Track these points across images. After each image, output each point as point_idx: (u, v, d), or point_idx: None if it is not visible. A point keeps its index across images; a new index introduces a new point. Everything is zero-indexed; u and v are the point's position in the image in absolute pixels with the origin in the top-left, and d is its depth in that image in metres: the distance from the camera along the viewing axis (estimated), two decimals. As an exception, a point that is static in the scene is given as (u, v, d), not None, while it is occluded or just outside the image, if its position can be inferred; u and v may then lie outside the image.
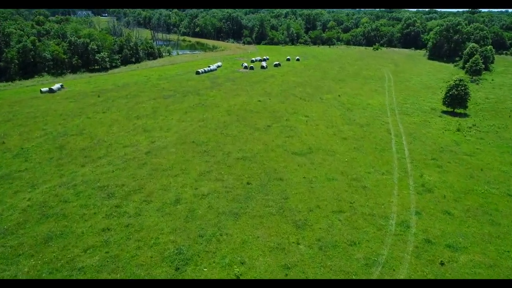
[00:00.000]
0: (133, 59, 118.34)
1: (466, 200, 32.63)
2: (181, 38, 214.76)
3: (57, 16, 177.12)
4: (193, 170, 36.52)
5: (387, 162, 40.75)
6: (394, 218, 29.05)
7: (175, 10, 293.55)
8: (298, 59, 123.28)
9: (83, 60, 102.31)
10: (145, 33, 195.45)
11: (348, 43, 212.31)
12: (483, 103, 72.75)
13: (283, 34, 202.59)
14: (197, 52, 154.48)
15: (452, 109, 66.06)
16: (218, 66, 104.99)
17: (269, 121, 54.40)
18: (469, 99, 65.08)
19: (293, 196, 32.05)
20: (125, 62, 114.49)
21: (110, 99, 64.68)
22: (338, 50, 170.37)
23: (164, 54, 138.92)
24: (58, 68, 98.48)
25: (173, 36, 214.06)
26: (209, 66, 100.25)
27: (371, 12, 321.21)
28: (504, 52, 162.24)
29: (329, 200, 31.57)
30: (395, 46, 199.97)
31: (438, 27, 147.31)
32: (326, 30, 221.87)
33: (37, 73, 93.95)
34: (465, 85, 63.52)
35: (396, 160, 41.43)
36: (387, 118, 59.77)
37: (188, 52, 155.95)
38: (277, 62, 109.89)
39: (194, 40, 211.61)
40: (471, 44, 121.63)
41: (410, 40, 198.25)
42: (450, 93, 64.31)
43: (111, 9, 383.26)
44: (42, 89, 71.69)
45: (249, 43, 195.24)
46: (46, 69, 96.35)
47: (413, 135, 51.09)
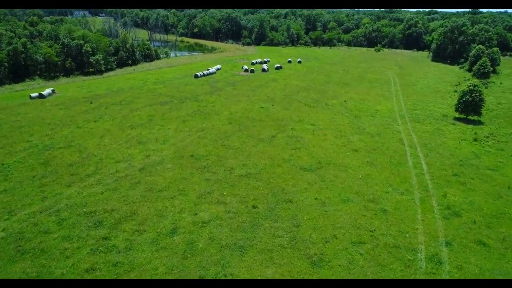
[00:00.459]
0: (130, 62, 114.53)
1: (500, 226, 29.01)
2: (179, 39, 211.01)
3: (52, 17, 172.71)
4: (192, 191, 32.74)
5: (405, 179, 37.09)
6: (423, 251, 25.38)
7: (173, 10, 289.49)
8: (300, 61, 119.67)
9: (77, 63, 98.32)
10: (142, 34, 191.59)
11: (349, 44, 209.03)
12: (497, 109, 69.27)
13: (283, 35, 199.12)
14: (196, 54, 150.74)
15: (465, 116, 62.57)
16: (218, 69, 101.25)
17: (273, 131, 50.68)
18: (484, 106, 61.66)
19: (305, 223, 28.33)
20: (121, 65, 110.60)
21: (103, 106, 60.78)
22: (340, 52, 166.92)
23: (162, 56, 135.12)
24: (51, 71, 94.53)
25: (171, 37, 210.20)
26: (208, 69, 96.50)
27: (371, 13, 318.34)
28: (509, 54, 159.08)
29: (347, 228, 27.87)
30: (397, 47, 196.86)
31: (443, 29, 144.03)
32: (327, 31, 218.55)
33: (28, 77, 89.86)
34: (480, 91, 60.00)
35: (415, 177, 37.78)
36: (398, 126, 56.17)
37: (186, 54, 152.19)
38: (279, 65, 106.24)
39: (193, 41, 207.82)
40: (478, 46, 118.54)
41: (412, 41, 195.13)
42: (464, 99, 60.79)
43: (109, 9, 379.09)
44: (32, 95, 67.70)
45: (249, 44, 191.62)
46: (38, 73, 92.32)
47: (428, 146, 47.48)
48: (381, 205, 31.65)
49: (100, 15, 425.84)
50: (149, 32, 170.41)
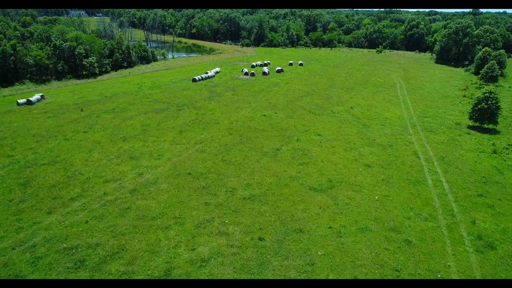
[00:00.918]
0: (125, 64, 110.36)
1: (542, 262, 25.35)
2: (177, 40, 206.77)
3: (46, 17, 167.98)
4: (190, 218, 28.87)
5: (427, 201, 33.38)
6: (460, 298, 21.61)
7: (171, 10, 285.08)
8: (302, 64, 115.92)
9: (70, 66, 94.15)
10: (139, 34, 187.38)
11: (350, 45, 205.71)
12: (511, 116, 65.79)
13: (283, 36, 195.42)
14: (194, 55, 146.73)
15: (480, 124, 59.05)
16: (216, 72, 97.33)
17: (278, 142, 46.88)
18: (500, 113, 58.16)
19: (321, 260, 24.54)
20: (116, 67, 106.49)
21: (95, 114, 56.75)
22: (341, 53, 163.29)
23: (159, 58, 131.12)
24: (42, 75, 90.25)
25: (169, 38, 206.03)
26: (207, 73, 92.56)
27: (371, 13, 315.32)
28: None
29: (368, 266, 24.10)
30: (399, 49, 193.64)
31: (446, 30, 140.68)
32: (327, 32, 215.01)
33: (18, 80, 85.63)
34: (496, 98, 56.49)
35: (437, 198, 34.07)
36: (410, 137, 52.50)
37: (184, 55, 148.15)
38: (280, 68, 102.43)
39: (190, 42, 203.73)
40: (484, 48, 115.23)
41: (414, 43, 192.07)
42: (479, 107, 57.22)
43: (105, 9, 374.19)
44: (19, 101, 63.53)
45: (248, 45, 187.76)
46: (28, 76, 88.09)
47: (446, 160, 43.83)
48: (405, 235, 27.90)
49: (97, 15, 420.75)
50: (146, 33, 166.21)
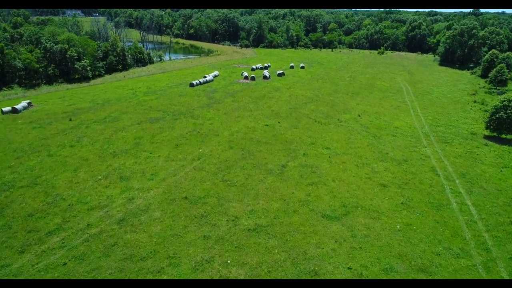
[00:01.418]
0: (120, 67, 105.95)
1: None
2: (174, 41, 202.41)
3: (39, 17, 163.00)
4: (186, 258, 24.78)
5: (456, 232, 29.46)
6: None
7: (168, 10, 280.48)
8: (303, 67, 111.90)
9: (61, 69, 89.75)
10: (135, 35, 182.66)
11: (351, 46, 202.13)
12: (528, 125, 61.98)
13: (282, 37, 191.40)
14: (191, 57, 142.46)
15: (497, 135, 55.30)
16: (215, 76, 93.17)
17: (283, 157, 42.86)
18: (520, 123, 54.39)
19: (342, 315, 20.49)
20: (111, 70, 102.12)
21: (84, 124, 52.52)
22: (343, 55, 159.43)
23: (155, 60, 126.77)
24: (32, 79, 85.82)
25: (166, 38, 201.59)
26: (205, 77, 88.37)
27: (371, 13, 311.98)
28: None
29: (400, 323, 20.07)
30: (400, 50, 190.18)
31: (451, 31, 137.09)
32: (327, 32, 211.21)
33: (6, 85, 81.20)
34: (516, 107, 52.77)
35: (466, 227, 30.16)
36: (425, 149, 48.61)
37: (182, 57, 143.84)
38: (281, 71, 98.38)
39: (188, 43, 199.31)
40: (492, 51, 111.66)
41: (416, 44, 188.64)
42: (497, 116, 53.44)
43: (102, 9, 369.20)
44: (4, 109, 59.17)
45: (247, 46, 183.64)
46: (17, 80, 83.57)
47: (468, 177, 39.97)
48: (436, 277, 23.94)
49: (93, 15, 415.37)
50: (142, 34, 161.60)
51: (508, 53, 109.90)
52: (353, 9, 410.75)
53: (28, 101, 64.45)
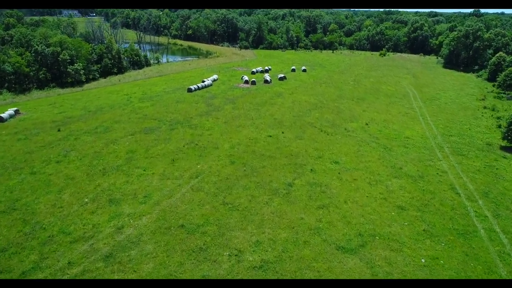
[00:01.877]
0: (115, 70, 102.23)
1: None
2: (172, 42, 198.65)
3: (32, 18, 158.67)
4: (182, 307, 21.14)
5: (489, 267, 25.96)
6: None
7: (166, 11, 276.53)
8: (305, 70, 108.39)
9: (53, 73, 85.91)
10: (132, 36, 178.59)
11: (352, 48, 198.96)
12: (545, 134, 58.69)
13: (282, 38, 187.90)
14: (189, 59, 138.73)
15: (515, 146, 52.01)
16: (214, 80, 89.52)
17: (289, 174, 39.30)
18: (539, 134, 51.10)
19: None
20: (106, 74, 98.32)
21: (73, 136, 48.78)
22: (344, 57, 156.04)
23: (152, 62, 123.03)
24: (22, 84, 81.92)
25: (163, 39, 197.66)
26: (203, 81, 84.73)
27: (371, 14, 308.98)
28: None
29: None
30: (402, 51, 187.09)
31: (456, 33, 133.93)
32: (328, 34, 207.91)
33: (-6, 90, 77.47)
34: (535, 117, 49.49)
35: (499, 261, 26.67)
36: (441, 163, 45.16)
37: (179, 59, 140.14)
38: (282, 75, 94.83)
39: (186, 44, 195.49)
40: (499, 53, 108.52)
41: (418, 45, 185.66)
42: (516, 126, 50.15)
43: (99, 9, 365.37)
44: (-12, 118, 55.50)
45: (246, 48, 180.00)
46: (6, 85, 79.60)
47: (491, 197, 36.55)
48: (475, 331, 20.43)
49: (90, 15, 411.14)
50: (138, 34, 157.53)
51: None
52: (353, 10, 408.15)
53: (16, 109, 60.61)
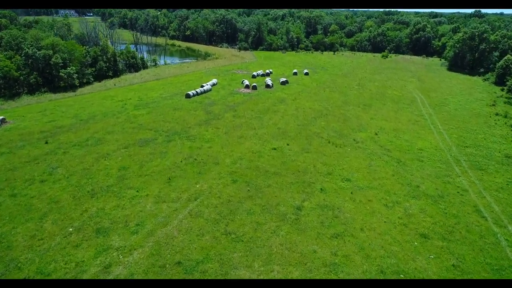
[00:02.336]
0: (111, 73, 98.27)
1: None
2: (170, 43, 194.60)
3: (26, 19, 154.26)
4: None
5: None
6: None
7: (164, 11, 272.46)
8: (307, 73, 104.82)
9: (44, 77, 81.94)
10: (129, 36, 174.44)
11: (353, 49, 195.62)
12: None
13: (282, 39, 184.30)
14: (187, 61, 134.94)
15: (536, 158, 48.61)
16: (213, 85, 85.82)
17: (297, 195, 35.71)
18: (562, 146, 47.78)
19: None
20: (100, 77, 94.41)
21: (62, 149, 45.01)
22: (346, 59, 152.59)
23: (149, 64, 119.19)
24: (11, 89, 78.00)
25: (161, 40, 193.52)
26: (202, 86, 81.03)
27: (371, 15, 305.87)
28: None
29: None
30: (404, 53, 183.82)
31: (461, 35, 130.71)
32: (328, 34, 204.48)
33: (-18, 96, 73.61)
34: (559, 128, 46.09)
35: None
36: (460, 179, 41.70)
37: (177, 61, 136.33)
38: (284, 79, 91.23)
39: (184, 45, 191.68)
40: (507, 56, 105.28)
41: (420, 46, 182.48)
42: (538, 139, 46.76)
43: (96, 9, 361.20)
44: (-29, 128, 51.65)
45: (245, 49, 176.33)
46: (-5, 90, 75.90)
47: (520, 221, 33.10)
48: None
49: (88, 14, 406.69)
50: (135, 35, 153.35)
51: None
52: (352, 10, 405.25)
53: (2, 117, 56.73)
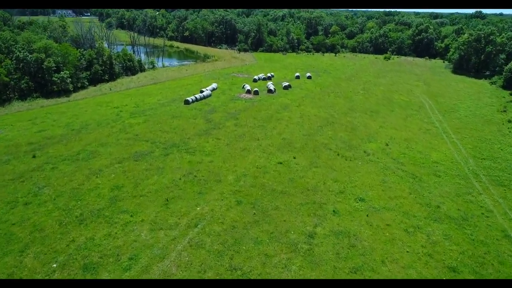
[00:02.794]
0: (106, 77, 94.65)
1: None
2: (168, 44, 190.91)
3: (20, 19, 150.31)
4: None
5: None
6: None
7: (162, 11, 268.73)
8: (310, 77, 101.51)
9: (37, 82, 78.23)
10: (126, 37, 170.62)
11: (354, 50, 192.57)
12: None
13: (283, 40, 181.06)
14: (186, 63, 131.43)
15: (560, 172, 45.45)
16: (213, 89, 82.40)
17: (308, 218, 32.37)
18: None
19: None
20: (96, 81, 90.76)
21: (50, 164, 41.49)
22: (348, 61, 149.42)
23: (147, 67, 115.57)
24: (2, 94, 74.31)
25: (159, 41, 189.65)
26: (202, 91, 77.61)
27: (371, 15, 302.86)
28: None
29: None
30: (406, 54, 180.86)
31: (467, 37, 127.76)
32: (329, 36, 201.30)
33: (-30, 102, 69.98)
34: None
35: None
36: (482, 197, 38.49)
37: (176, 63, 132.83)
38: (287, 83, 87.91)
39: (183, 46, 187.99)
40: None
41: (422, 48, 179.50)
42: None
43: (93, 9, 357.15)
44: (-46, 140, 48.05)
45: (245, 50, 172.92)
46: (-17, 96, 72.23)
47: (556, 249, 29.88)
48: None
49: (85, 15, 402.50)
50: (132, 37, 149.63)
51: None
52: (352, 10, 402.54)
53: (-12, 127, 53.32)
